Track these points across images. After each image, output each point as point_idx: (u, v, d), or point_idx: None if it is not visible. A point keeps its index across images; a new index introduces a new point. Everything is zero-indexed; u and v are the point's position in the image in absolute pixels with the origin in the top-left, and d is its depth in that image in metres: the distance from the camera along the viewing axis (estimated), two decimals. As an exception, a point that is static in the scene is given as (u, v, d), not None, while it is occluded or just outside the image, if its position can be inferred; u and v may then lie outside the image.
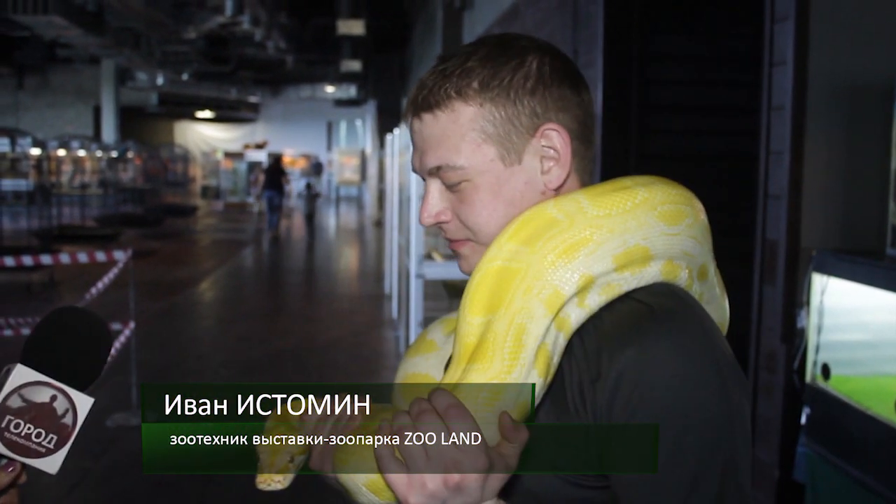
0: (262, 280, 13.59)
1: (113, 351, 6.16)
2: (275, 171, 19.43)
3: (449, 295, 6.47)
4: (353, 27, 17.93)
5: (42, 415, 1.02)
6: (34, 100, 28.67)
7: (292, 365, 7.40)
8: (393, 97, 23.66)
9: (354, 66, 22.62)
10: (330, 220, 25.50)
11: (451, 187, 1.11)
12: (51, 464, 1.02)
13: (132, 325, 5.88)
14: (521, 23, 6.48)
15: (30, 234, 13.26)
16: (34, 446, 1.01)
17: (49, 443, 1.02)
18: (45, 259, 6.53)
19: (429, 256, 5.78)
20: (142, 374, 5.99)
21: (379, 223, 19.66)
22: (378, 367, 7.31)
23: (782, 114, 3.13)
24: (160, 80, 25.38)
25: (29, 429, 1.01)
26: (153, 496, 4.57)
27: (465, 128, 1.08)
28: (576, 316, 1.03)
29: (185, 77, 26.18)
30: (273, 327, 9.11)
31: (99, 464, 4.82)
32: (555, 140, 1.09)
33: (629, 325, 1.00)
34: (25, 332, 6.09)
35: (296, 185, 27.90)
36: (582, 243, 1.01)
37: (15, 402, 1.01)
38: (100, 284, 5.98)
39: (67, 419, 1.03)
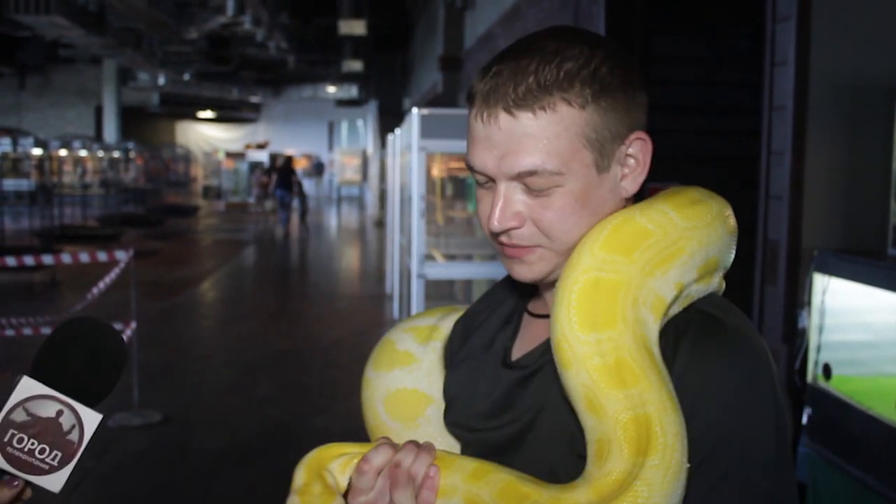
0: (264, 280, 13.59)
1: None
2: (286, 171, 20.13)
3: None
4: (354, 27, 17.94)
5: (47, 430, 0.98)
6: (36, 100, 28.69)
7: (294, 365, 7.40)
8: (394, 97, 23.66)
9: (356, 66, 22.63)
10: (331, 220, 25.51)
11: (536, 192, 1.04)
12: (54, 482, 0.98)
13: (133, 325, 5.88)
14: (523, 23, 6.48)
15: (31, 234, 13.28)
16: (37, 462, 0.97)
17: (53, 459, 0.98)
18: (47, 259, 6.54)
19: (430, 257, 5.78)
20: (143, 375, 6.00)
21: (380, 223, 19.67)
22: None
23: (783, 114, 3.13)
24: (162, 80, 25.39)
25: (32, 444, 0.97)
26: (155, 496, 4.57)
27: (568, 132, 1.02)
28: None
29: (186, 77, 26.20)
30: (275, 327, 9.11)
31: (101, 464, 4.82)
32: (640, 149, 1.08)
33: (705, 339, 1.01)
34: (27, 332, 6.09)
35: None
36: (676, 254, 1.01)
37: (19, 416, 0.97)
38: (101, 284, 5.98)
39: (73, 435, 0.99)
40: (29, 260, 6.37)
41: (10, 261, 6.26)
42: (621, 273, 0.98)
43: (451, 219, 7.74)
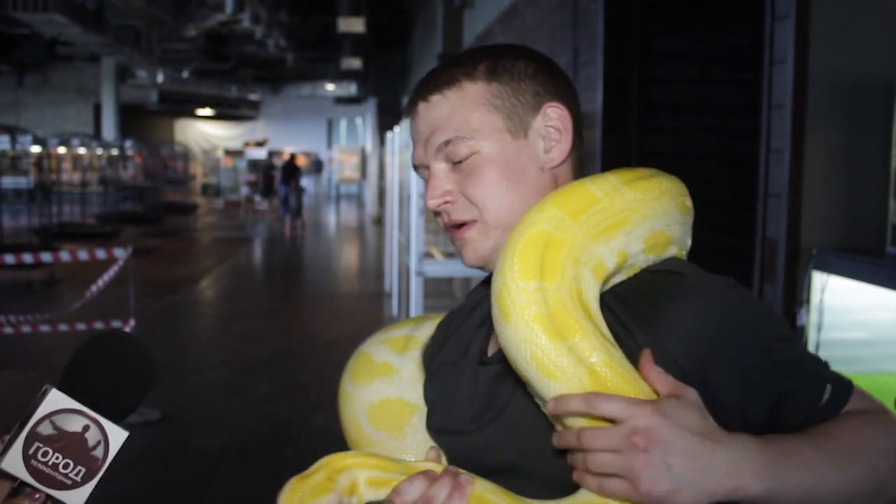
0: (263, 278, 13.60)
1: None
2: (289, 169, 20.67)
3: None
4: (353, 25, 17.94)
5: (72, 445, 0.97)
6: (34, 97, 28.68)
7: (293, 363, 7.40)
8: (393, 95, 23.65)
9: (355, 63, 22.64)
10: (330, 217, 25.51)
11: (457, 164, 1.12)
12: (76, 497, 0.97)
13: (132, 322, 5.89)
14: (522, 21, 6.48)
15: (30, 232, 13.26)
16: (60, 477, 0.96)
17: (76, 475, 0.97)
18: (46, 257, 6.54)
19: (429, 254, 5.78)
20: (142, 372, 5.99)
21: (379, 221, 19.67)
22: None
23: (782, 112, 3.13)
24: (160, 78, 25.38)
25: (57, 458, 0.96)
26: (153, 494, 4.57)
27: (474, 102, 1.12)
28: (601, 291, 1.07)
29: (185, 75, 26.20)
30: (273, 325, 9.11)
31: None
32: (557, 118, 1.13)
33: (671, 290, 1.04)
34: (26, 329, 6.09)
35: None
36: (621, 224, 1.03)
37: (45, 429, 0.96)
38: (100, 282, 5.99)
39: (98, 452, 0.98)
40: (27, 258, 6.37)
41: (9, 259, 6.26)
42: (566, 232, 1.00)
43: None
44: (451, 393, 1.18)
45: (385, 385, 1.27)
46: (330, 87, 29.49)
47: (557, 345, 0.94)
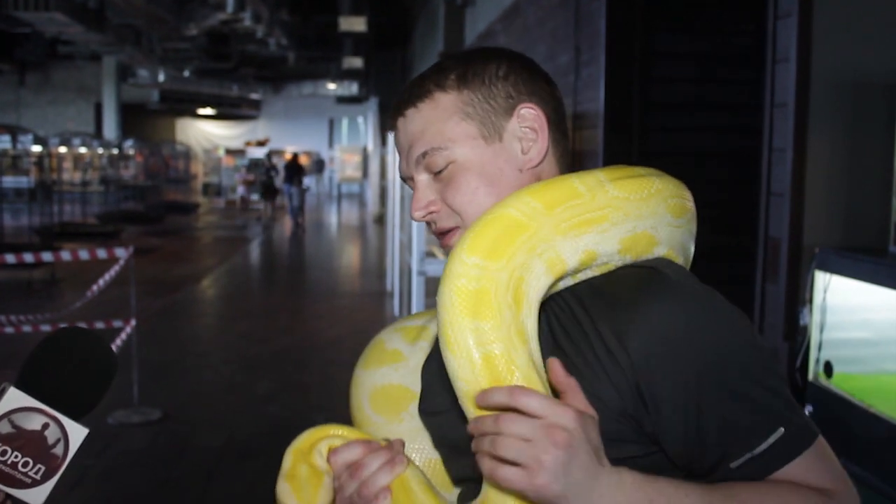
0: (264, 277, 13.60)
1: (114, 348, 6.12)
2: (293, 168, 21.18)
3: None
4: (354, 24, 17.91)
5: (31, 443, 0.97)
6: (35, 97, 28.69)
7: (294, 363, 7.40)
8: (395, 94, 23.62)
9: (356, 63, 22.61)
10: (332, 217, 25.51)
11: (438, 174, 1.14)
12: (36, 496, 0.97)
13: (133, 322, 5.88)
14: (523, 20, 6.47)
15: (31, 232, 13.26)
16: (19, 476, 0.96)
17: (36, 473, 0.97)
18: (47, 256, 6.53)
19: (430, 254, 5.78)
20: (143, 372, 6.00)
21: (381, 220, 19.67)
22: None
23: (785, 111, 3.12)
24: (161, 77, 25.38)
25: (16, 457, 0.96)
26: (155, 493, 4.57)
27: (446, 112, 1.13)
28: (563, 283, 1.07)
29: (186, 74, 26.19)
30: (274, 324, 9.11)
31: (100, 461, 4.82)
32: (531, 119, 1.14)
33: (644, 284, 1.04)
34: (27, 329, 6.09)
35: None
36: (596, 221, 1.03)
37: (4, 428, 0.96)
38: (101, 282, 5.98)
39: (58, 449, 0.98)
40: (28, 257, 6.37)
41: (10, 258, 6.26)
42: (533, 220, 1.01)
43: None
44: (441, 376, 1.18)
45: (390, 371, 1.30)
46: (331, 86, 29.48)
47: (466, 321, 0.97)
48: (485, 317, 0.96)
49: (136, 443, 5.23)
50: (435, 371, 1.20)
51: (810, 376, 3.01)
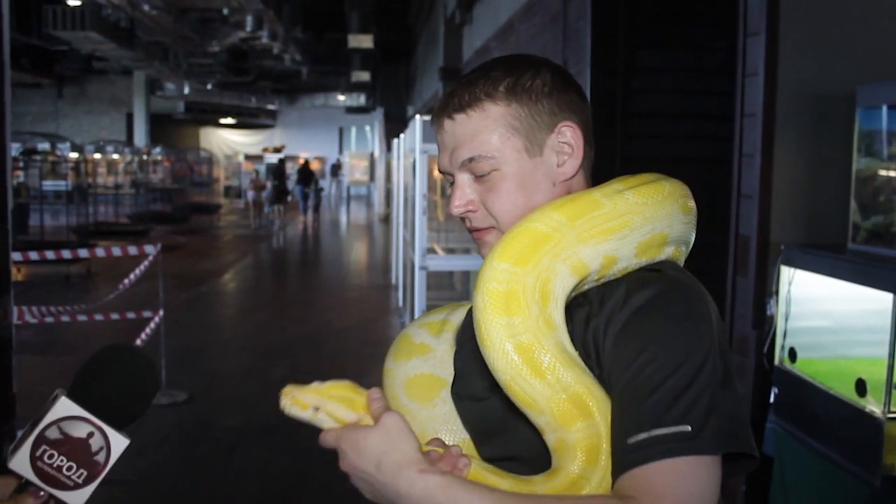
0: (280, 272, 13.59)
1: (144, 336, 6.10)
2: (305, 172, 22.01)
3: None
4: (362, 41, 17.90)
5: (77, 449, 0.97)
6: (72, 108, 28.64)
7: (308, 350, 7.40)
8: (399, 105, 23.61)
9: (364, 76, 22.58)
10: (342, 216, 25.48)
11: (480, 177, 1.13)
12: (76, 498, 0.97)
13: (161, 312, 5.88)
14: (516, 37, 6.46)
15: (69, 230, 13.25)
16: (63, 478, 0.97)
17: (79, 477, 0.97)
18: (83, 253, 6.55)
19: (431, 250, 5.78)
20: (170, 358, 6.00)
21: (386, 219, 19.65)
22: (385, 351, 7.30)
23: (754, 120, 3.12)
24: (187, 90, 25.34)
25: (62, 461, 0.96)
26: (181, 469, 4.58)
27: (495, 123, 1.11)
28: (589, 286, 1.08)
29: (209, 87, 26.15)
30: (289, 315, 9.11)
31: (132, 439, 4.82)
32: (569, 135, 1.13)
33: (643, 280, 1.05)
34: (65, 319, 6.09)
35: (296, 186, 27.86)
36: (618, 228, 1.04)
37: (53, 434, 0.96)
38: (132, 276, 5.98)
39: (100, 457, 0.98)
40: (66, 253, 6.38)
41: (50, 254, 6.27)
42: (558, 232, 1.02)
43: (450, 216, 7.73)
44: (474, 362, 1.18)
45: (421, 362, 1.30)
46: (341, 97, 29.44)
47: (498, 318, 0.99)
48: (515, 313, 0.98)
49: (164, 422, 5.24)
50: (467, 358, 1.20)
51: (776, 361, 3.01)
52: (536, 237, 1.02)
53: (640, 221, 1.05)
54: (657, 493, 0.90)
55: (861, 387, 2.53)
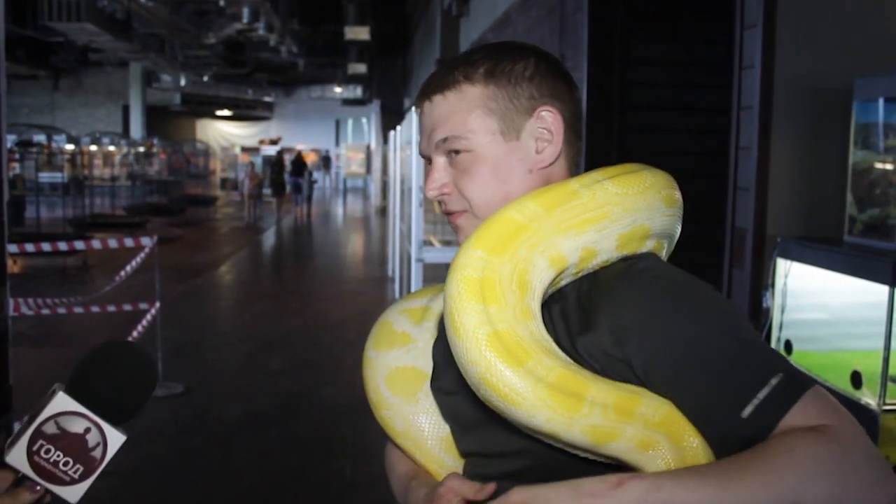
0: (276, 264, 13.58)
1: (140, 328, 6.08)
2: (298, 164, 22.23)
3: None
4: (359, 33, 17.86)
5: (73, 445, 0.97)
6: (68, 100, 28.54)
7: (304, 341, 7.40)
8: (395, 97, 23.59)
9: (360, 68, 22.56)
10: (338, 209, 25.46)
11: (454, 160, 1.11)
12: (72, 493, 0.97)
13: (157, 304, 5.87)
14: (513, 30, 6.45)
15: (65, 222, 13.23)
16: (60, 473, 0.97)
17: (75, 472, 0.97)
18: (79, 245, 6.52)
19: (428, 242, 5.78)
20: (166, 350, 5.99)
21: (383, 211, 19.64)
22: (382, 343, 7.29)
23: (751, 113, 3.12)
24: (183, 82, 25.28)
25: (58, 456, 0.96)
26: (178, 461, 4.58)
27: (472, 104, 1.10)
28: (565, 280, 1.05)
29: (205, 79, 26.09)
30: (286, 307, 9.10)
31: (128, 431, 4.82)
32: (549, 121, 1.10)
33: (625, 272, 1.02)
34: (61, 311, 6.08)
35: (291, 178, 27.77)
36: (597, 219, 1.01)
37: (50, 429, 0.96)
38: (128, 268, 5.97)
39: (97, 453, 0.98)
40: (63, 246, 6.36)
41: (46, 246, 6.25)
42: (534, 222, 0.99)
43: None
44: (448, 356, 1.18)
45: (402, 353, 1.27)
46: (338, 89, 29.40)
47: (473, 305, 0.94)
48: (490, 301, 0.94)
49: (161, 414, 5.23)
50: (442, 351, 1.18)
51: (772, 354, 3.01)
52: (512, 227, 0.98)
53: (619, 213, 1.01)
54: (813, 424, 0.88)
55: (857, 379, 2.54)
